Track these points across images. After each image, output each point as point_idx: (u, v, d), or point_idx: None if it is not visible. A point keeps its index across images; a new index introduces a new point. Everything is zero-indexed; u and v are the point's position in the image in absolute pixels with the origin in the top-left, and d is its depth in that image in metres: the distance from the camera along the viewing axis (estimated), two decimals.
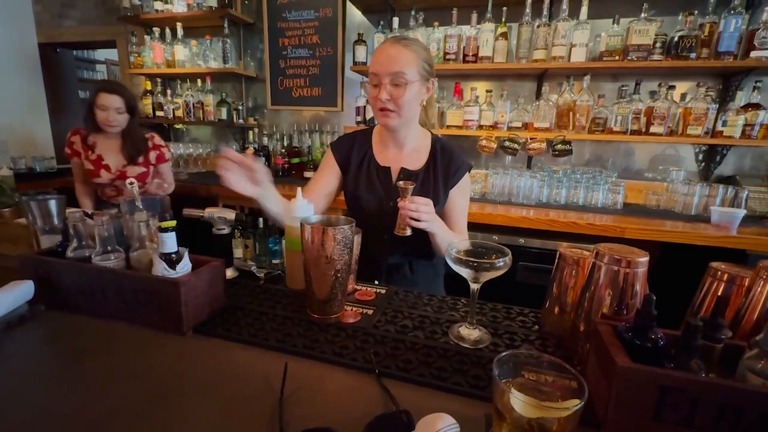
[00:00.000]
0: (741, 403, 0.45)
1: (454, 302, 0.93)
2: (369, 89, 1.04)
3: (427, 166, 1.12)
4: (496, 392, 0.46)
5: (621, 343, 0.54)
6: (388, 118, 1.02)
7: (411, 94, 0.99)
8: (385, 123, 1.04)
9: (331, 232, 0.74)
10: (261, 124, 2.98)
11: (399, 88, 0.98)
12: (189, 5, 2.67)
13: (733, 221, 1.70)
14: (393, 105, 1.00)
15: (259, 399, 0.58)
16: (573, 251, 0.78)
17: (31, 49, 3.38)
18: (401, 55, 0.97)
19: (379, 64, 0.99)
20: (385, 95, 0.98)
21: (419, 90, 1.02)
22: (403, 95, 0.98)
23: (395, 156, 1.13)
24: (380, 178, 1.12)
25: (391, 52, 0.98)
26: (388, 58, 0.98)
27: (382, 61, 0.98)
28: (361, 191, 1.12)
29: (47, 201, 0.99)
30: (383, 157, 1.14)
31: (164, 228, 0.73)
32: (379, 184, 1.12)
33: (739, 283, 0.66)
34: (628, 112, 2.01)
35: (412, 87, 0.99)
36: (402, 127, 1.07)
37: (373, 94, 1.01)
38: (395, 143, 1.13)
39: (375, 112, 1.05)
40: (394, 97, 0.99)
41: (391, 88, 0.98)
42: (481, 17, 2.13)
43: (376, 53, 1.01)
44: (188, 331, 0.75)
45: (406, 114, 1.02)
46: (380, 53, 1.00)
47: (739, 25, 1.80)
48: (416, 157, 1.13)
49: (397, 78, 0.97)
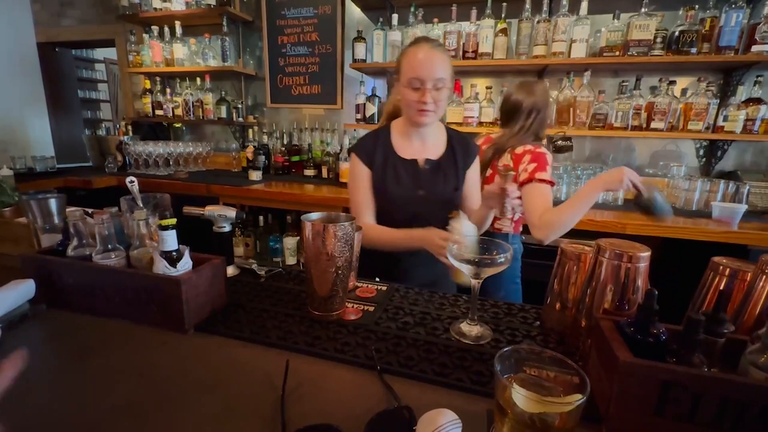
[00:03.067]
0: (743, 397, 0.45)
1: (456, 299, 0.93)
2: (406, 91, 1.07)
3: (446, 154, 1.20)
4: (498, 388, 0.46)
5: (623, 338, 0.54)
6: (427, 117, 1.07)
7: (447, 95, 1.09)
8: (423, 122, 1.09)
9: (332, 229, 0.74)
10: (261, 122, 2.98)
11: (440, 91, 1.05)
12: (188, 3, 2.66)
13: (735, 216, 1.69)
14: (434, 106, 1.06)
15: (260, 396, 0.58)
16: (574, 247, 0.78)
17: (29, 48, 3.37)
18: (442, 61, 1.04)
19: (424, 69, 1.03)
20: (430, 99, 1.04)
21: (450, 90, 1.11)
22: (444, 98, 1.07)
23: (418, 149, 1.19)
24: (407, 170, 1.17)
25: (434, 58, 1.03)
26: (432, 63, 1.03)
27: (427, 66, 1.03)
28: (389, 184, 1.16)
29: (47, 200, 0.99)
30: (406, 151, 1.19)
31: (165, 226, 0.72)
32: (407, 176, 1.17)
33: (741, 277, 0.66)
34: (629, 108, 2.00)
35: (448, 90, 1.08)
36: (432, 123, 1.14)
37: (414, 96, 1.05)
38: (420, 138, 1.19)
39: (411, 112, 1.09)
40: (436, 99, 1.05)
41: (435, 92, 1.04)
42: (481, 13, 2.12)
43: (417, 57, 1.04)
44: (190, 329, 0.75)
45: (441, 112, 1.10)
46: (423, 58, 1.03)
47: (740, 20, 1.78)
48: (436, 148, 1.20)
49: (440, 82, 1.04)
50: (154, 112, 2.96)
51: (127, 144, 2.64)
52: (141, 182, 1.89)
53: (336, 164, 2.48)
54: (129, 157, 2.68)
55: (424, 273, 1.19)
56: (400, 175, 1.17)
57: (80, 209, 0.88)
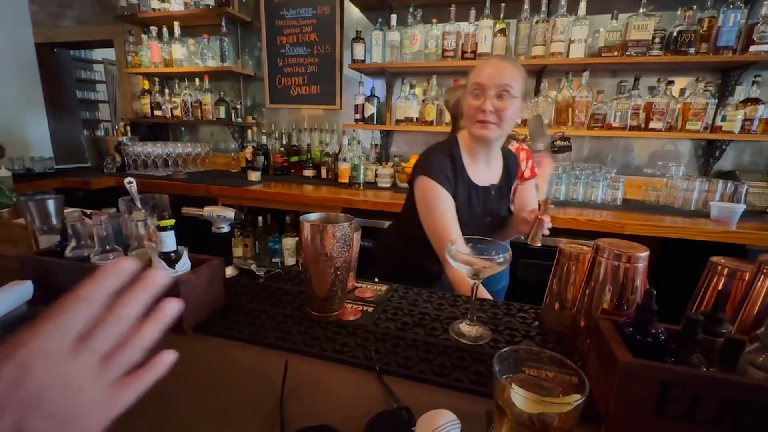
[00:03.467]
0: (742, 397, 0.45)
1: (455, 299, 0.93)
2: (467, 100, 1.03)
3: (504, 175, 1.17)
4: (497, 388, 0.46)
5: (622, 338, 0.54)
6: (487, 130, 1.00)
7: (514, 109, 1.00)
8: (482, 134, 1.01)
9: (330, 230, 0.74)
10: (260, 122, 2.98)
11: (504, 101, 0.98)
12: (186, 4, 2.66)
13: (733, 216, 1.70)
14: (495, 117, 0.99)
15: (259, 397, 0.58)
16: (573, 247, 0.78)
17: (27, 49, 3.36)
18: (509, 69, 0.98)
19: (486, 75, 0.98)
20: (490, 105, 0.97)
21: (519, 107, 1.02)
22: (507, 108, 0.98)
23: (484, 171, 1.13)
24: (478, 197, 1.11)
25: (498, 65, 0.99)
26: (495, 69, 0.98)
27: (490, 72, 0.98)
28: (463, 214, 1.08)
29: (45, 201, 0.99)
30: (476, 175, 1.11)
31: (163, 227, 0.72)
32: (477, 203, 1.11)
33: (740, 277, 0.66)
34: (627, 108, 2.01)
35: (515, 102, 0.99)
36: (496, 141, 1.07)
37: (474, 104, 0.99)
38: (485, 158, 1.12)
39: (470, 123, 1.03)
40: (498, 108, 0.98)
41: (496, 100, 0.98)
42: (480, 14, 2.13)
43: (481, 65, 1.01)
44: (188, 329, 0.75)
45: (505, 128, 1.01)
46: (486, 65, 1.00)
47: (738, 20, 1.79)
48: (497, 170, 1.16)
49: (504, 90, 0.97)
50: (152, 112, 2.96)
51: (125, 145, 2.64)
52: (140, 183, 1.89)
53: (335, 164, 2.48)
54: (128, 158, 2.67)
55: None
56: (473, 203, 1.11)
57: (78, 210, 0.87)
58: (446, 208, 1.05)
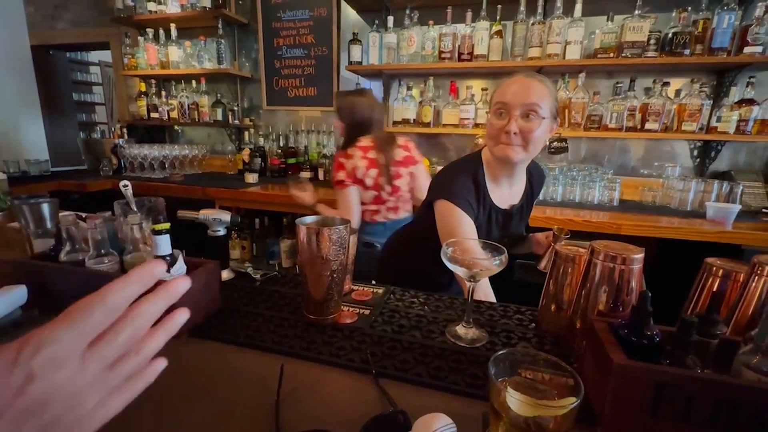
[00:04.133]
0: (736, 398, 0.45)
1: (451, 301, 0.93)
2: (489, 120, 0.98)
3: (526, 194, 1.13)
4: (493, 391, 0.46)
5: (617, 340, 0.54)
6: (511, 151, 0.94)
7: (542, 131, 0.93)
8: (505, 155, 0.95)
9: (327, 233, 0.74)
10: (257, 124, 2.97)
11: (530, 122, 0.92)
12: (183, 6, 2.66)
13: (728, 216, 1.70)
14: (520, 140, 0.93)
15: (255, 401, 0.58)
16: (569, 248, 0.78)
17: (23, 51, 3.34)
18: (536, 87, 0.92)
19: (511, 93, 0.92)
20: (515, 127, 0.91)
21: (548, 128, 0.95)
22: (534, 130, 0.92)
23: (507, 194, 1.09)
24: (498, 219, 1.07)
25: (525, 83, 0.93)
26: (522, 88, 0.92)
27: (516, 91, 0.92)
28: (481, 233, 1.05)
29: (40, 204, 0.98)
30: (498, 198, 1.07)
31: (158, 231, 0.72)
32: (497, 226, 1.08)
33: (734, 278, 0.66)
34: (623, 109, 2.02)
35: (544, 124, 0.93)
36: (522, 164, 1.01)
37: (498, 124, 0.94)
38: (509, 180, 1.06)
39: (493, 144, 0.97)
40: (524, 130, 0.92)
41: (522, 121, 0.92)
42: (476, 15, 2.13)
43: (507, 83, 0.95)
44: (183, 334, 0.75)
45: (532, 151, 0.95)
46: (513, 83, 0.94)
47: (732, 21, 1.80)
48: (520, 190, 1.12)
49: (531, 110, 0.91)
50: (149, 114, 2.95)
51: (122, 147, 2.64)
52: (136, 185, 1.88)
53: (332, 166, 2.48)
54: (124, 160, 2.66)
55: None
56: (492, 226, 1.08)
57: (73, 213, 0.87)
58: (467, 232, 1.00)
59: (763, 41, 1.78)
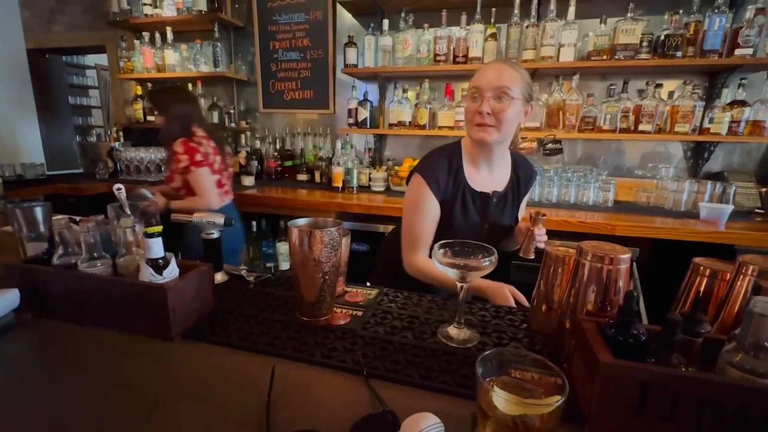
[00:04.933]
0: (719, 396, 0.46)
1: (444, 302, 0.94)
2: (466, 104, 1.03)
3: (511, 183, 1.15)
4: (480, 391, 0.46)
5: (604, 340, 0.55)
6: (485, 133, 0.99)
7: (513, 112, 0.98)
8: (481, 138, 1.01)
9: (318, 235, 0.74)
10: (253, 127, 2.98)
11: (502, 103, 0.97)
12: (179, 9, 2.67)
13: (721, 217, 1.72)
14: (493, 120, 0.98)
15: (246, 403, 0.58)
16: (558, 249, 0.79)
17: (19, 55, 3.35)
18: (507, 71, 0.97)
19: (483, 78, 0.98)
20: (487, 108, 0.96)
21: (520, 110, 1.01)
22: (506, 111, 0.97)
23: (487, 178, 1.12)
24: (476, 205, 1.10)
25: (497, 68, 0.98)
26: (494, 72, 0.97)
27: (488, 75, 0.98)
28: (456, 217, 1.08)
29: (33, 208, 0.98)
30: (476, 181, 1.10)
31: (150, 233, 0.72)
32: (475, 210, 1.10)
33: (721, 277, 0.67)
34: (617, 111, 2.03)
35: (515, 105, 0.98)
36: (497, 145, 1.05)
37: (473, 107, 0.99)
38: (487, 164, 1.10)
39: (469, 127, 1.03)
40: (495, 111, 0.97)
41: (494, 102, 0.97)
42: (471, 18, 2.15)
43: (481, 70, 1.01)
44: (176, 336, 0.75)
45: (504, 131, 1.00)
46: (486, 69, 1.00)
47: (724, 24, 1.82)
48: (503, 177, 1.15)
49: (501, 93, 0.96)
50: (145, 118, 2.95)
51: (118, 150, 2.64)
52: (132, 189, 1.88)
53: (329, 169, 2.49)
54: (120, 164, 2.67)
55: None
56: (468, 208, 1.09)
57: (66, 217, 0.87)
58: (428, 212, 1.07)
59: (754, 43, 1.80)
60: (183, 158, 1.73)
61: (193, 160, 1.73)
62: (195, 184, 1.77)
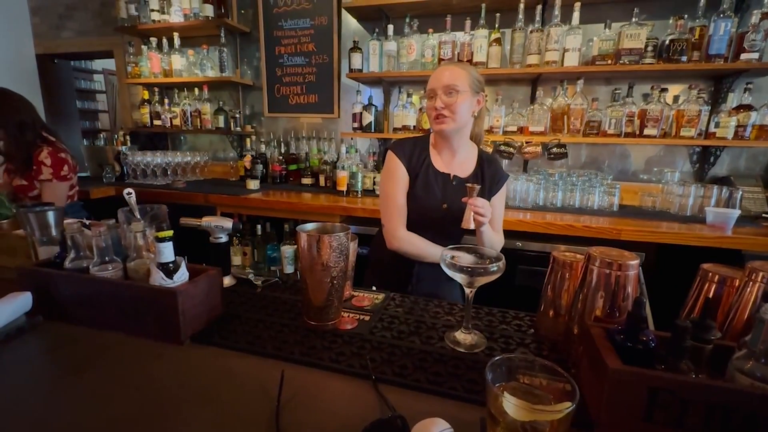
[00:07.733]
0: (729, 403, 0.46)
1: (451, 307, 0.94)
2: (426, 104, 1.20)
3: (475, 175, 1.25)
4: (490, 396, 0.46)
5: (612, 346, 0.55)
6: (443, 124, 1.15)
7: (463, 103, 1.13)
8: (440, 128, 1.16)
9: (327, 240, 0.75)
10: (258, 131, 3.00)
11: (452, 97, 1.12)
12: (186, 15, 2.69)
13: (728, 222, 1.71)
14: (447, 111, 1.13)
15: (256, 407, 0.58)
16: (566, 255, 0.79)
17: (28, 60, 3.40)
18: (452, 70, 1.13)
19: (435, 80, 1.15)
20: (440, 103, 1.13)
21: (471, 100, 1.15)
22: (456, 102, 1.12)
23: (449, 162, 1.26)
24: (438, 182, 1.23)
25: (445, 70, 1.14)
26: (442, 74, 1.14)
27: (438, 77, 1.14)
28: (419, 191, 1.22)
29: (45, 212, 1.00)
30: (439, 163, 1.25)
31: (161, 238, 0.73)
32: (437, 188, 1.22)
33: (730, 284, 0.67)
34: (622, 115, 2.03)
35: (464, 96, 1.13)
36: (455, 134, 1.19)
37: (430, 105, 1.16)
38: (449, 151, 1.24)
39: (431, 121, 1.18)
40: (447, 104, 1.13)
41: (445, 97, 1.13)
42: (475, 23, 2.16)
43: (433, 75, 1.17)
44: (186, 340, 0.75)
45: (459, 119, 1.15)
46: (436, 72, 1.16)
47: (729, 28, 1.82)
48: (466, 166, 1.26)
49: (450, 89, 1.12)
50: (152, 122, 2.98)
51: (125, 154, 2.66)
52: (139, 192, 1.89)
53: (333, 172, 2.50)
54: (127, 167, 2.69)
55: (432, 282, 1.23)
56: (431, 185, 1.22)
57: (78, 221, 0.88)
58: (399, 177, 1.22)
59: (760, 47, 1.79)
60: (46, 171, 1.72)
61: (59, 174, 1.74)
62: (50, 196, 1.76)
